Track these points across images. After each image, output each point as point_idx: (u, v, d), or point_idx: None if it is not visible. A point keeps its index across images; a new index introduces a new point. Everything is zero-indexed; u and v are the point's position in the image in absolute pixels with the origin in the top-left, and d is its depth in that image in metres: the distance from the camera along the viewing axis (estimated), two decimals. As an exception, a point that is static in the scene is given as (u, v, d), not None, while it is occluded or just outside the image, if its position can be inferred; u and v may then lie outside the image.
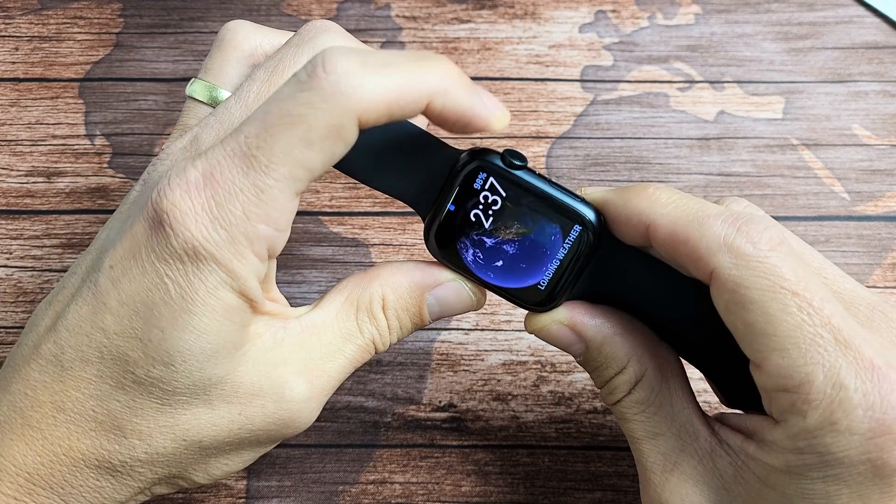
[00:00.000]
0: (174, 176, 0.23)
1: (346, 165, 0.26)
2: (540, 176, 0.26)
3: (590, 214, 0.26)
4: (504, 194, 0.26)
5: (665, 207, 0.24)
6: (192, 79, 0.28)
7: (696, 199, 0.25)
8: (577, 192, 0.26)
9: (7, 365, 0.25)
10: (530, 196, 0.25)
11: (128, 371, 0.23)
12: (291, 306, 0.27)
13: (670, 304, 0.27)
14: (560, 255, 0.26)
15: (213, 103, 0.28)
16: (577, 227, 0.26)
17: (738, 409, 0.27)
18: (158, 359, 0.23)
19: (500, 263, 0.26)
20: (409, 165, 0.26)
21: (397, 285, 0.27)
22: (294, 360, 0.25)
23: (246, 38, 0.29)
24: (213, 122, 0.27)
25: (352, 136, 0.23)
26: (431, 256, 0.27)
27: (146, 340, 0.23)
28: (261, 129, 0.22)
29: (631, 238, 0.25)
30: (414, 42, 0.41)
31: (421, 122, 0.30)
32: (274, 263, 0.26)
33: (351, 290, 0.27)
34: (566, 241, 0.26)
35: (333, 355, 0.26)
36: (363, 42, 0.40)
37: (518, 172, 0.25)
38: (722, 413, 0.27)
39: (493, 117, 0.24)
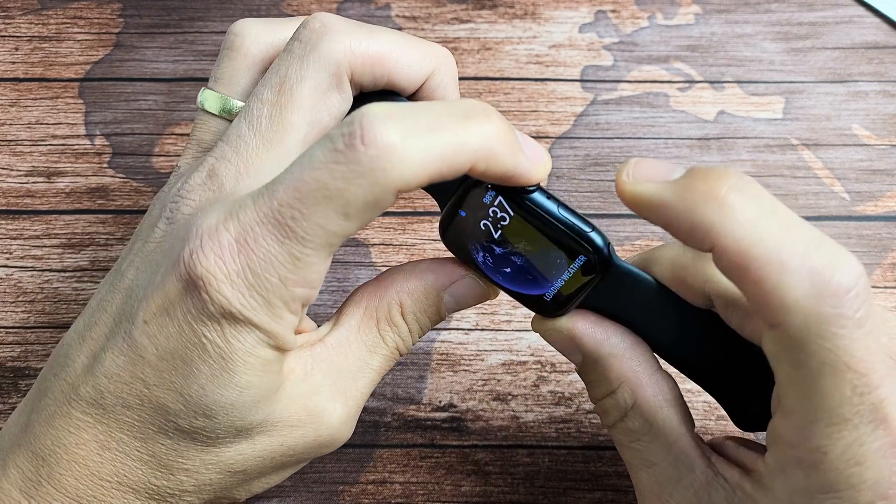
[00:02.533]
0: (206, 238, 0.22)
1: None
2: (551, 197, 0.25)
3: (599, 242, 0.25)
4: (512, 214, 0.25)
5: (741, 227, 0.20)
6: (203, 88, 0.27)
7: (780, 217, 0.21)
8: (588, 220, 0.25)
9: (43, 393, 0.25)
10: (537, 222, 0.25)
11: (169, 420, 0.24)
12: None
13: (678, 332, 0.26)
14: (566, 277, 0.26)
15: (226, 115, 0.27)
16: (582, 257, 0.25)
17: (749, 430, 0.27)
18: (200, 412, 0.24)
19: (508, 270, 0.26)
20: None
21: (413, 290, 0.27)
22: (327, 386, 0.26)
23: (255, 42, 0.27)
24: (229, 153, 0.25)
25: (389, 205, 0.22)
26: (435, 253, 0.27)
27: (186, 395, 0.23)
28: (295, 198, 0.21)
29: (690, 244, 0.22)
30: (414, 42, 0.41)
31: None
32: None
33: (368, 300, 0.27)
34: (571, 266, 0.25)
35: (362, 370, 0.27)
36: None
37: (530, 197, 0.25)
38: (723, 440, 0.26)
39: (535, 171, 0.24)
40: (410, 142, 0.21)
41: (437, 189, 0.27)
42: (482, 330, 0.36)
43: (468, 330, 0.36)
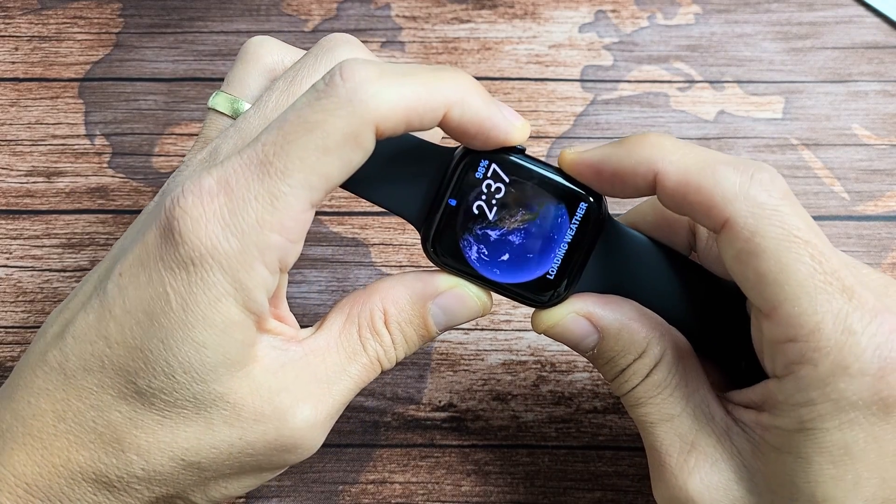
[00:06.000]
0: (188, 183, 0.23)
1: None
2: (539, 160, 0.26)
3: (594, 191, 0.26)
4: (507, 180, 0.25)
5: (673, 154, 0.24)
6: (215, 91, 0.29)
7: (700, 146, 0.25)
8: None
9: (15, 372, 0.25)
10: (535, 178, 0.25)
11: (130, 381, 0.23)
12: (291, 308, 0.27)
13: (673, 289, 0.27)
14: (568, 238, 0.26)
15: (235, 115, 0.28)
16: (584, 205, 0.26)
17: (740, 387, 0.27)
18: (160, 370, 0.23)
19: (506, 257, 0.26)
20: (406, 176, 0.26)
21: (397, 298, 0.26)
22: (298, 385, 0.25)
23: (268, 53, 0.29)
24: (232, 133, 0.26)
25: (369, 145, 0.23)
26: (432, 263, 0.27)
27: (147, 351, 0.23)
28: (278, 136, 0.22)
29: (636, 191, 0.25)
30: (414, 42, 0.41)
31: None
32: (285, 279, 0.26)
33: (351, 307, 0.26)
34: (573, 220, 0.26)
35: (339, 377, 0.26)
36: (362, 42, 0.41)
37: (519, 157, 0.25)
38: (726, 393, 0.27)
39: (514, 127, 0.25)
40: (387, 79, 0.22)
41: (412, 206, 0.26)
42: (482, 330, 0.36)
43: (468, 330, 0.36)
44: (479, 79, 0.40)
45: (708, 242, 0.28)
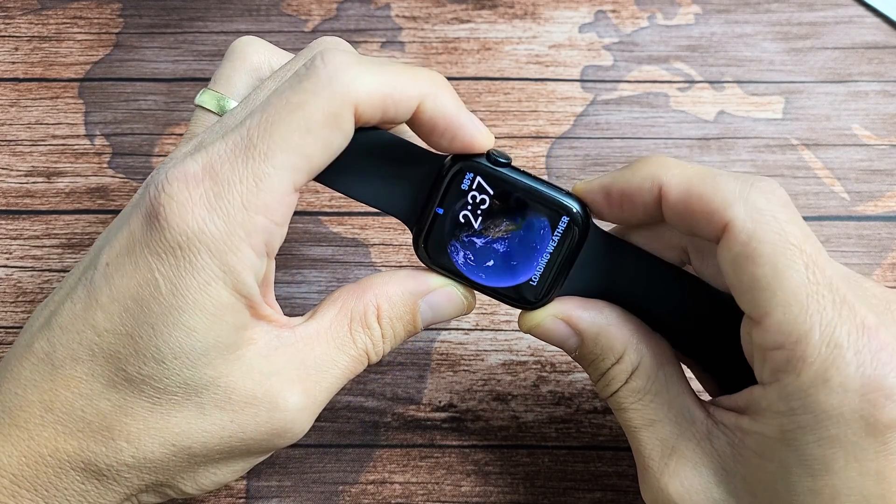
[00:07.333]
0: (173, 170, 0.23)
1: (330, 179, 0.26)
2: (525, 172, 0.26)
3: (576, 205, 0.26)
4: (492, 192, 0.26)
5: (676, 168, 0.25)
6: (202, 89, 0.29)
7: (700, 166, 0.25)
8: (563, 188, 0.27)
9: (1, 365, 0.25)
10: (518, 191, 0.26)
11: (120, 368, 0.23)
12: (291, 307, 0.27)
13: (658, 296, 0.27)
14: (549, 249, 0.26)
15: (222, 112, 0.28)
16: (566, 218, 0.26)
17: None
18: (150, 356, 0.23)
19: (490, 263, 0.27)
20: (394, 176, 0.27)
21: (390, 294, 0.27)
22: (288, 370, 0.25)
23: (255, 52, 0.29)
24: (217, 128, 0.27)
25: (349, 126, 0.23)
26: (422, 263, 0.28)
27: (137, 337, 0.23)
28: (262, 119, 0.23)
29: (644, 209, 0.26)
30: (414, 42, 0.41)
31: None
32: (272, 266, 0.26)
33: (344, 300, 0.27)
34: (555, 233, 0.26)
35: (327, 366, 0.26)
36: (362, 42, 0.41)
37: (504, 169, 0.26)
38: (713, 399, 0.27)
39: (479, 132, 0.25)
40: (366, 66, 0.24)
41: (405, 207, 0.27)
42: (482, 330, 0.36)
43: (468, 330, 0.36)
44: (478, 79, 0.40)
45: (701, 262, 0.28)
